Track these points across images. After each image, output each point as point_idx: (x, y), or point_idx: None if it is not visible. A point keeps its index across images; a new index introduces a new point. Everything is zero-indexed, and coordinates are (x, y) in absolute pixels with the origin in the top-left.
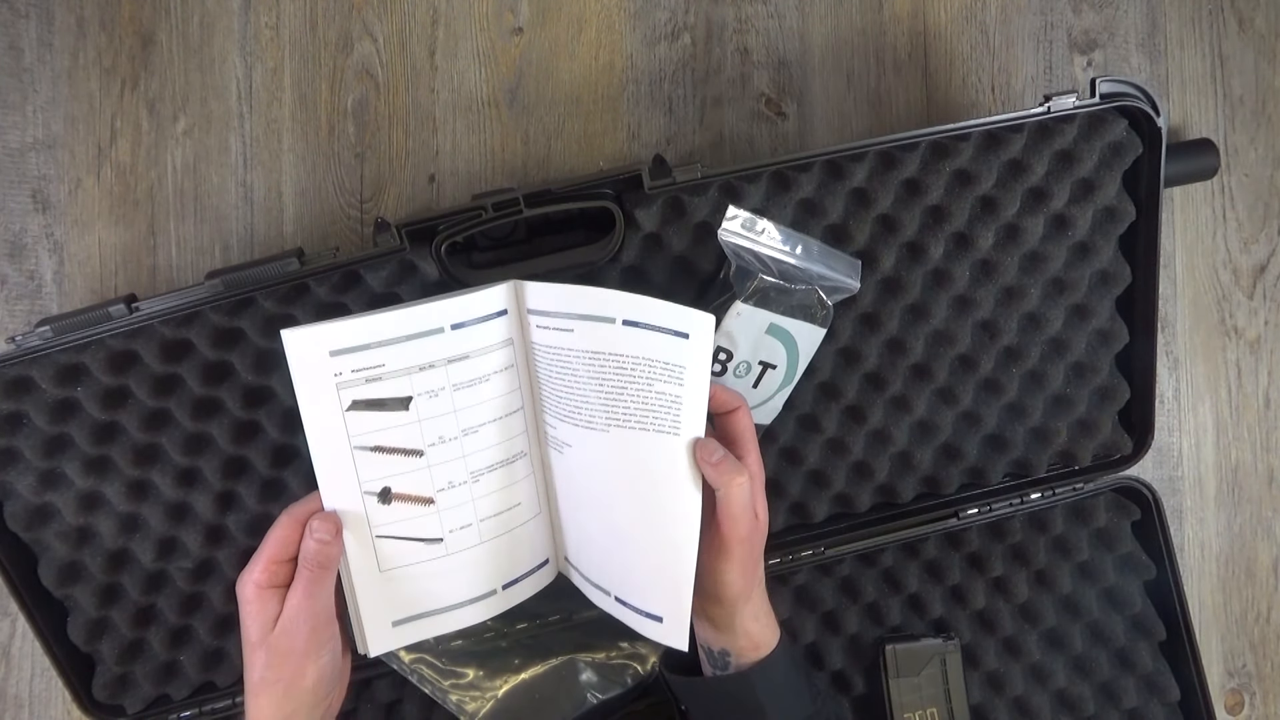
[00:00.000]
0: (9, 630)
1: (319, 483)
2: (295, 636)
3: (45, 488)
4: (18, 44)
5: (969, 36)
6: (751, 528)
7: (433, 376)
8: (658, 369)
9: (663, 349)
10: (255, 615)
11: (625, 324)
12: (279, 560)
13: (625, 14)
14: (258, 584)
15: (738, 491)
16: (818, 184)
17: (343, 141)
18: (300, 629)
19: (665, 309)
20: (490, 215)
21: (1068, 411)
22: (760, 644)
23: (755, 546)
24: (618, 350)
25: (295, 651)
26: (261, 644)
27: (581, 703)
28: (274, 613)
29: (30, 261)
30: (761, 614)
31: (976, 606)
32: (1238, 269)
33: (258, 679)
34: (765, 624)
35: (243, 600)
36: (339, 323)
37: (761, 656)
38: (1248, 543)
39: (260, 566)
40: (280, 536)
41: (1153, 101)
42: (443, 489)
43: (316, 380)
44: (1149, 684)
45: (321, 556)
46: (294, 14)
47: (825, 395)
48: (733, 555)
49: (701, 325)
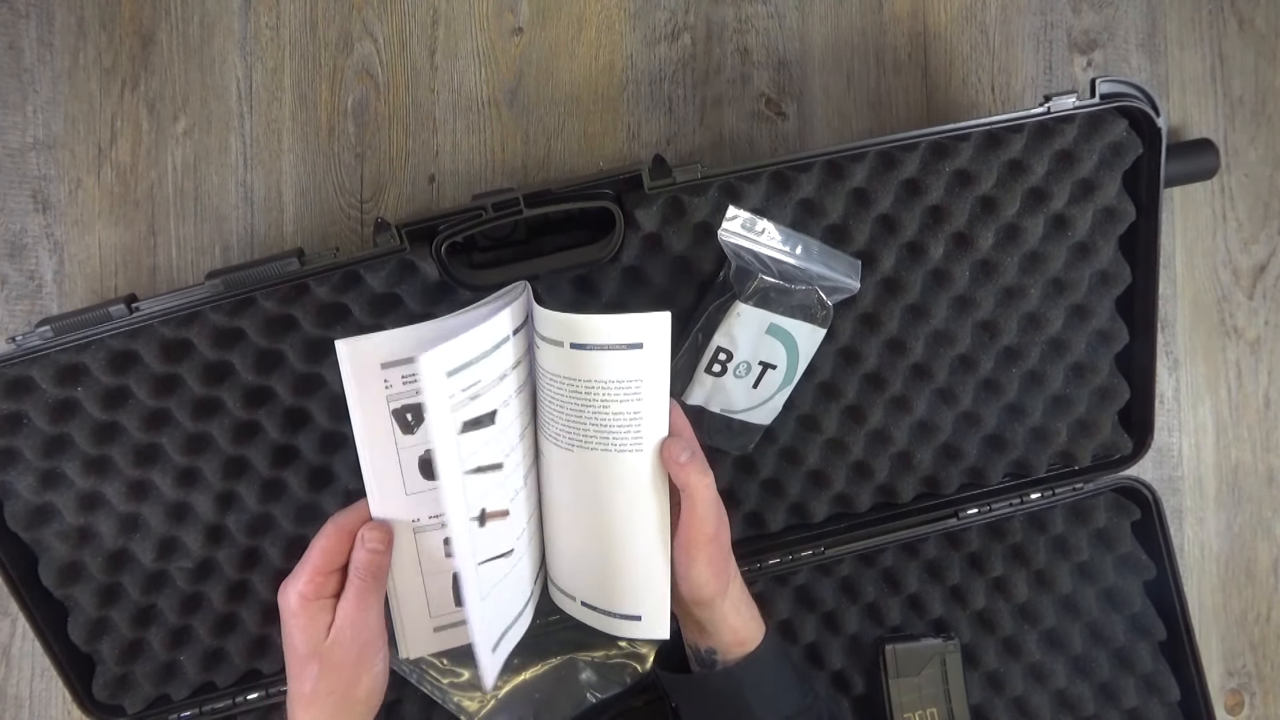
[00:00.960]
0: (9, 630)
1: (370, 496)
2: (349, 648)
3: (45, 488)
4: (18, 44)
5: (969, 36)
6: (718, 525)
7: (505, 385)
8: (613, 389)
9: (616, 367)
10: (304, 627)
11: (573, 347)
12: (325, 571)
13: (625, 14)
14: (304, 595)
15: (705, 491)
16: (818, 184)
17: (343, 141)
18: (355, 639)
19: (612, 324)
20: (490, 215)
21: (1068, 411)
22: (745, 638)
23: (724, 543)
24: (571, 375)
25: (349, 663)
26: (314, 656)
27: (581, 702)
28: (324, 623)
29: (30, 261)
30: (742, 607)
31: (976, 606)
32: (1238, 269)
33: (309, 691)
34: (748, 617)
35: (289, 612)
36: (453, 344)
37: (748, 651)
38: (1248, 543)
39: (306, 578)
40: (326, 547)
41: (1153, 101)
42: (512, 499)
43: (435, 402)
44: (1149, 684)
45: (374, 566)
46: (294, 14)
47: (825, 395)
48: (702, 554)
49: (654, 329)
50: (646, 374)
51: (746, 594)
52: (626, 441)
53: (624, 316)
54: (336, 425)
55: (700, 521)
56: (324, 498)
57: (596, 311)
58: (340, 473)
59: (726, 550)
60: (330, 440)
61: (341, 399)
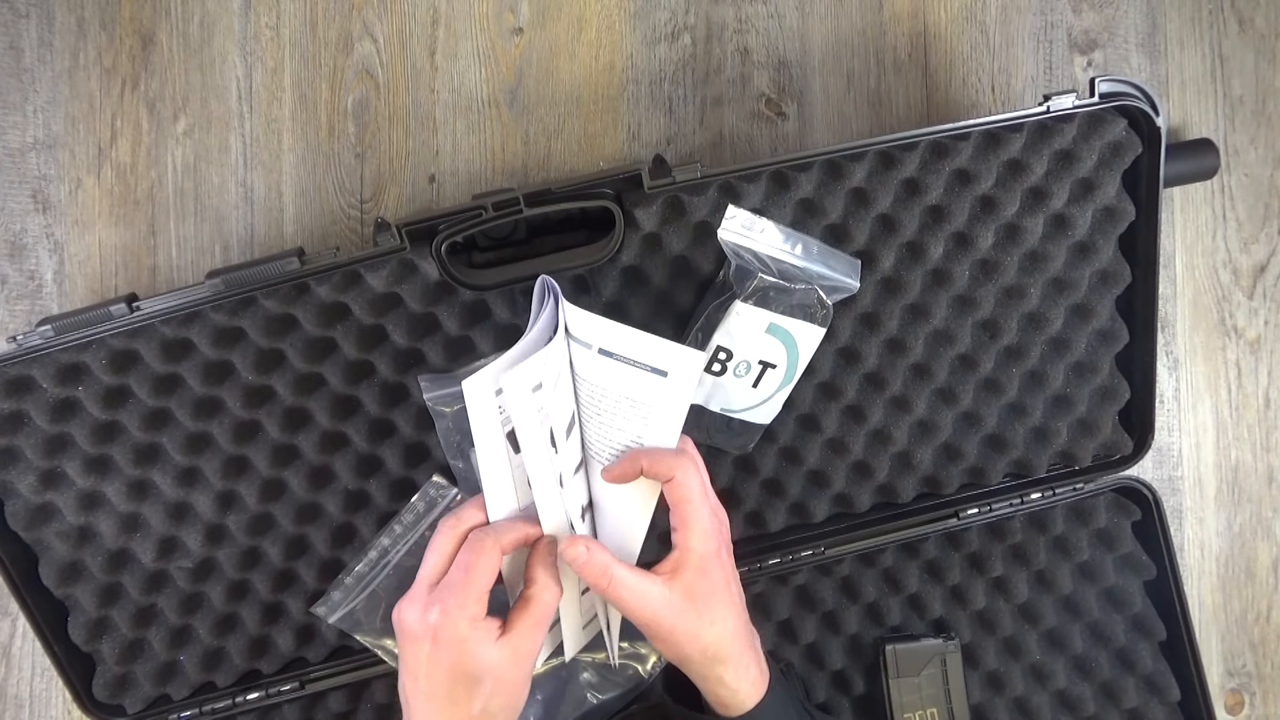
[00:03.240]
0: (9, 630)
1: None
2: (525, 663)
3: (46, 487)
4: (18, 44)
5: (969, 36)
6: (652, 608)
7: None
8: (624, 406)
9: (634, 386)
10: (477, 649)
11: (601, 353)
12: (489, 589)
13: (625, 14)
14: (476, 619)
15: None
16: (817, 184)
17: (343, 141)
18: (530, 654)
19: (646, 343)
20: (490, 215)
21: (1068, 411)
22: (727, 703)
23: (661, 621)
24: (590, 378)
25: (522, 679)
26: (487, 673)
27: (581, 703)
28: (491, 639)
29: (30, 261)
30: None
31: (976, 606)
32: (1238, 269)
33: (478, 712)
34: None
35: (460, 638)
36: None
37: (733, 712)
38: (1248, 543)
39: (475, 599)
40: (489, 567)
41: (1152, 101)
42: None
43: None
44: (1149, 684)
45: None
46: (294, 14)
47: (825, 395)
48: (642, 630)
49: (686, 364)
50: (662, 404)
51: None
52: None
53: (660, 341)
54: (336, 425)
55: (624, 611)
56: (324, 497)
57: (599, 314)
58: (340, 472)
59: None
60: (330, 440)
61: (342, 399)
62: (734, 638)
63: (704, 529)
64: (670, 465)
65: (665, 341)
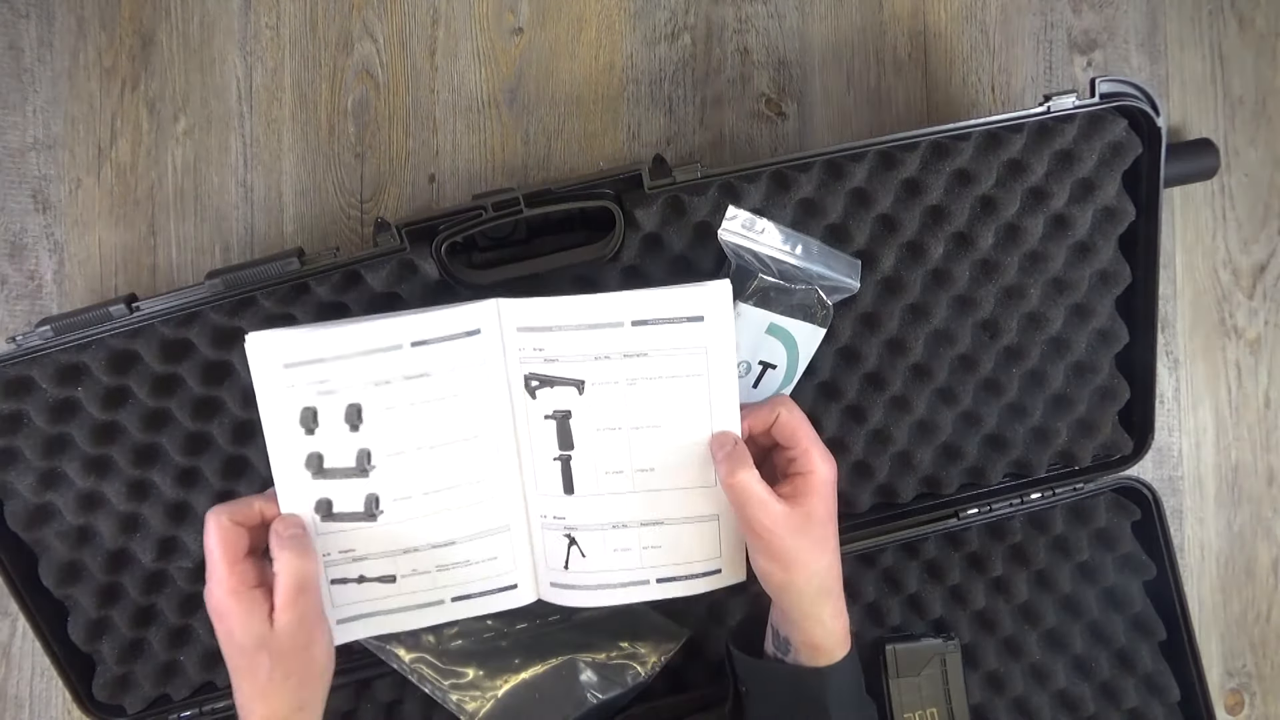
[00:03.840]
0: (9, 630)
1: (277, 487)
2: (296, 631)
3: (45, 488)
4: (18, 44)
5: (969, 36)
6: (772, 520)
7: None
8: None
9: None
10: (244, 621)
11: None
12: (237, 560)
13: (625, 14)
14: (234, 590)
15: (736, 488)
16: (818, 184)
17: (343, 141)
18: (300, 622)
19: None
20: (490, 215)
21: (1068, 411)
22: (819, 644)
23: (781, 537)
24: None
25: (299, 644)
26: (261, 647)
27: (581, 703)
28: (263, 612)
29: (30, 261)
30: (827, 617)
31: (976, 606)
32: (1238, 269)
33: (264, 681)
34: (830, 628)
35: (223, 612)
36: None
37: (821, 659)
38: (1248, 543)
39: (226, 572)
40: (223, 539)
41: (1152, 101)
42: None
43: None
44: (1149, 684)
45: (299, 547)
46: (294, 14)
47: (825, 395)
48: (755, 545)
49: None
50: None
51: (834, 608)
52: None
53: (683, 287)
54: None
55: (743, 518)
56: None
57: None
58: None
59: (790, 546)
60: None
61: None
62: (839, 574)
63: (824, 452)
64: (770, 407)
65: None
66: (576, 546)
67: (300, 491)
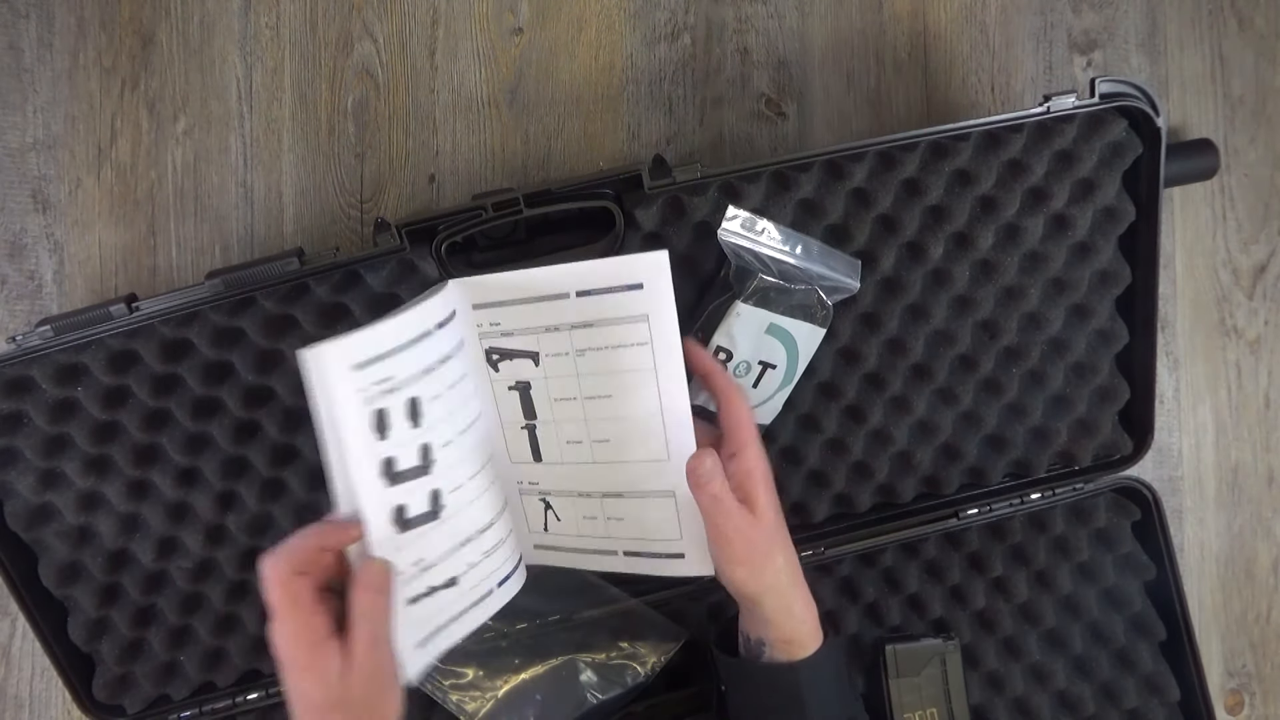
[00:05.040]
0: (9, 630)
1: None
2: (370, 686)
3: (45, 488)
4: (18, 44)
5: (969, 36)
6: (742, 524)
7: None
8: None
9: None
10: (320, 677)
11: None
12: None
13: (625, 14)
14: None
15: (704, 499)
16: (818, 184)
17: (343, 141)
18: (374, 678)
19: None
20: (490, 215)
21: (1068, 411)
22: (794, 640)
23: (750, 540)
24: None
25: (374, 703)
26: (335, 705)
27: (581, 703)
28: (338, 666)
29: (30, 261)
30: (798, 609)
31: (976, 606)
32: (1238, 269)
33: None
34: (800, 620)
35: (298, 666)
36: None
37: (796, 652)
38: (1248, 543)
39: (299, 625)
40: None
41: (1152, 101)
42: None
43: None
44: (1149, 684)
45: (382, 607)
46: (294, 14)
47: (825, 395)
48: (727, 554)
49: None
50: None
51: (802, 600)
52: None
53: (622, 258)
54: None
55: (710, 527)
56: (323, 497)
57: None
58: None
59: (763, 550)
60: None
61: None
62: (798, 563)
63: (761, 448)
64: (728, 384)
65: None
66: (552, 511)
67: (380, 506)
